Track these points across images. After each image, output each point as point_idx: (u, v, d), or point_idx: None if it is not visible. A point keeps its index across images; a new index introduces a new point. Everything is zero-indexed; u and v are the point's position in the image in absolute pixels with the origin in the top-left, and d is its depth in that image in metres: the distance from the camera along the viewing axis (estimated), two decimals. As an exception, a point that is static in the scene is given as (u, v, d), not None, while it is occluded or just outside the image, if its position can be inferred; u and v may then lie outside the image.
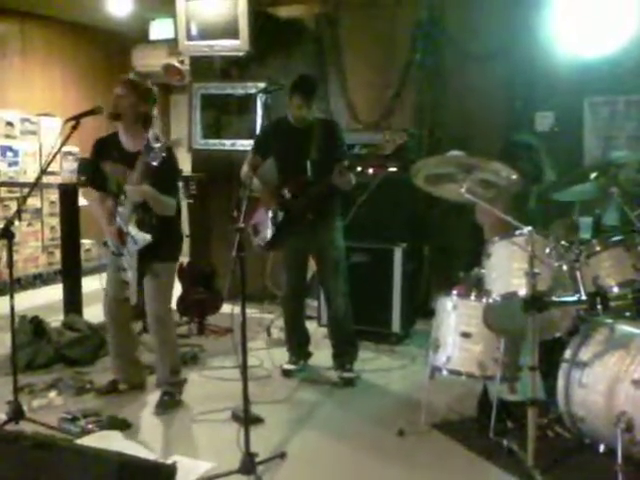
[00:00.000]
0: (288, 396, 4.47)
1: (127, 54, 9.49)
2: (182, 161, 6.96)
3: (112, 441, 3.55)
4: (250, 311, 4.85)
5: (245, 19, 6.34)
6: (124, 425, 3.86)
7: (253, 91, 6.40)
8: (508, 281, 3.47)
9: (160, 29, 8.60)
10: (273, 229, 4.56)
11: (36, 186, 4.28)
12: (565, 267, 3.44)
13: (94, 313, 5.58)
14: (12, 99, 8.10)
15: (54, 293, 6.70)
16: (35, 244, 8.02)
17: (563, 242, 3.54)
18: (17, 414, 3.76)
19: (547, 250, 3.40)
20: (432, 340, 3.91)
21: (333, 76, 6.62)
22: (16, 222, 3.88)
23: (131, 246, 4.01)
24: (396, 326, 5.56)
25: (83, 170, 5.30)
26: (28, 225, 7.89)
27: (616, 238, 3.52)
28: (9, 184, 7.63)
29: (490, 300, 3.56)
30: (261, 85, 5.97)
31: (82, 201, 5.63)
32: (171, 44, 7.71)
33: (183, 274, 5.84)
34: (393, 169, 5.59)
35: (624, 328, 3.31)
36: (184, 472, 3.15)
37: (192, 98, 7.11)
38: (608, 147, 5.78)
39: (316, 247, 4.66)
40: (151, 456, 3.43)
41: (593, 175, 3.64)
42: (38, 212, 8.05)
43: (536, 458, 3.07)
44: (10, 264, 3.85)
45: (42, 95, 8.55)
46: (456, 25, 6.18)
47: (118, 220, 4.07)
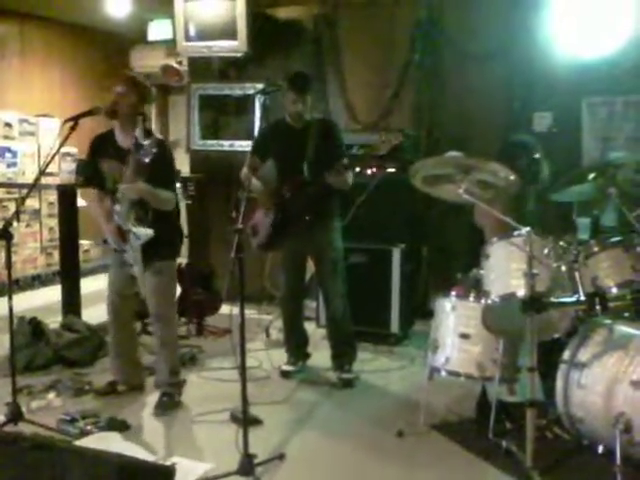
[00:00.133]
0: (287, 397, 4.47)
1: (125, 55, 9.49)
2: (180, 162, 7.01)
3: (111, 442, 3.55)
4: (249, 312, 4.86)
5: (243, 20, 6.34)
6: (123, 426, 3.86)
7: (251, 92, 6.40)
8: (507, 282, 3.47)
9: (158, 30, 8.60)
10: (271, 230, 4.57)
11: (35, 187, 4.28)
12: (564, 268, 3.44)
13: (93, 314, 5.58)
14: (11, 100, 8.10)
15: (53, 294, 6.69)
16: (34, 245, 8.02)
17: (562, 242, 3.55)
18: (16, 415, 3.77)
19: (545, 251, 3.40)
20: (431, 341, 3.91)
21: (332, 76, 6.62)
22: (14, 223, 3.87)
23: (134, 241, 4.00)
24: (395, 327, 5.56)
25: (81, 171, 5.29)
26: (27, 226, 7.89)
27: (614, 239, 3.52)
28: (7, 185, 7.63)
29: (489, 301, 3.56)
30: (259, 86, 5.95)
31: (81, 202, 5.62)
32: (169, 45, 7.70)
33: (182, 275, 5.83)
34: (391, 170, 5.59)
35: (623, 329, 3.31)
36: (183, 473, 3.15)
37: (190, 99, 7.11)
38: (606, 148, 5.78)
39: (314, 248, 4.67)
40: (150, 457, 3.44)
41: (591, 176, 3.64)
42: (37, 213, 8.04)
43: (535, 459, 3.06)
44: (8, 265, 3.86)
45: (41, 96, 8.54)
46: (455, 25, 6.18)
47: (116, 218, 4.06)
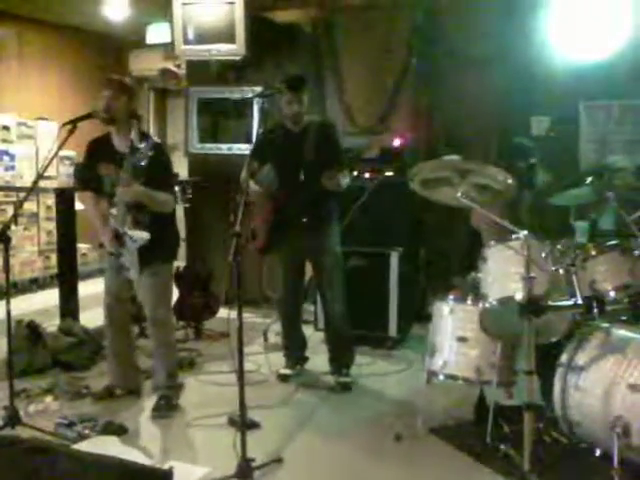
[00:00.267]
0: (285, 401, 4.47)
1: (124, 58, 9.50)
2: (179, 165, 7.01)
3: (109, 446, 3.55)
4: (247, 316, 4.84)
5: (242, 23, 6.34)
6: (120, 430, 3.85)
7: (250, 95, 6.41)
8: (504, 285, 3.47)
9: (157, 33, 8.61)
10: (269, 233, 4.56)
11: (33, 190, 4.29)
12: (561, 271, 3.45)
13: (90, 318, 5.57)
14: (9, 103, 8.09)
15: (50, 298, 6.69)
16: (31, 248, 8.01)
17: (559, 246, 3.55)
18: (13, 419, 3.77)
19: (543, 254, 3.41)
20: (429, 345, 3.92)
21: (330, 80, 6.63)
22: (12, 226, 3.87)
23: (130, 245, 3.99)
24: (393, 330, 5.55)
25: (78, 175, 5.28)
26: (24, 229, 7.88)
27: (612, 242, 3.53)
28: (5, 188, 7.62)
29: (486, 304, 3.56)
30: (258, 89, 5.97)
31: (78, 205, 5.62)
32: (168, 48, 7.70)
33: (180, 278, 5.83)
34: (389, 173, 5.60)
35: (620, 332, 3.31)
36: (181, 477, 3.13)
37: (189, 102, 7.11)
38: (604, 151, 5.80)
39: (313, 252, 4.66)
40: (148, 461, 3.43)
41: (589, 179, 3.65)
42: (34, 216, 8.03)
43: (532, 462, 3.05)
44: (6, 268, 3.85)
45: (39, 99, 8.54)
46: (452, 30, 6.19)
47: (112, 222, 4.05)
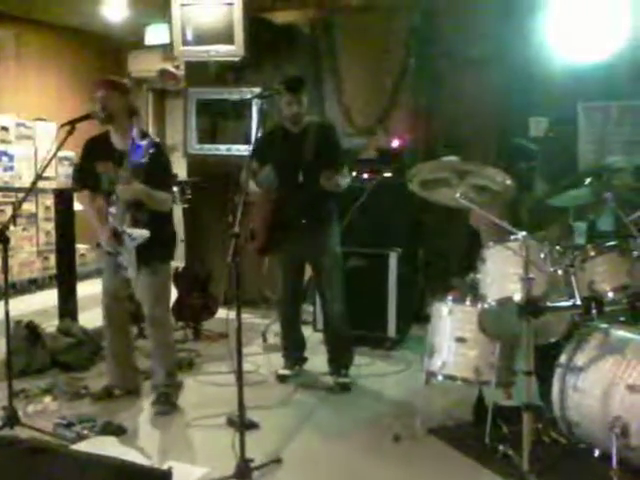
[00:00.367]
0: (283, 401, 4.47)
1: (122, 59, 9.50)
2: (178, 166, 7.00)
3: (107, 446, 3.55)
4: (246, 316, 4.84)
5: (240, 24, 6.34)
6: (119, 430, 3.85)
7: (248, 96, 6.39)
8: (503, 286, 3.48)
9: (155, 34, 8.61)
10: (268, 234, 4.56)
11: (31, 191, 4.28)
12: (560, 272, 3.44)
13: (89, 318, 5.57)
14: (7, 104, 8.09)
15: (49, 298, 6.69)
16: (30, 249, 8.01)
17: (558, 247, 3.55)
18: (12, 419, 3.77)
19: (542, 255, 3.41)
20: (427, 345, 3.92)
21: (328, 81, 6.62)
22: (11, 227, 3.87)
23: (129, 243, 3.99)
24: (391, 331, 5.56)
25: (75, 174, 5.27)
26: (23, 230, 7.88)
27: (611, 243, 3.53)
28: (4, 189, 7.62)
29: (485, 305, 3.56)
30: (256, 90, 5.97)
31: (77, 206, 5.62)
32: (166, 49, 7.70)
33: (178, 279, 5.83)
34: (388, 174, 5.61)
35: (619, 333, 3.32)
36: (179, 477, 3.13)
37: (187, 103, 7.10)
38: (602, 152, 5.80)
39: (312, 253, 4.66)
40: (146, 461, 3.43)
41: (587, 180, 3.65)
42: (33, 217, 8.03)
43: (531, 463, 3.06)
44: (5, 269, 3.84)
45: (37, 100, 8.54)
46: (451, 31, 6.19)
47: (111, 220, 4.06)
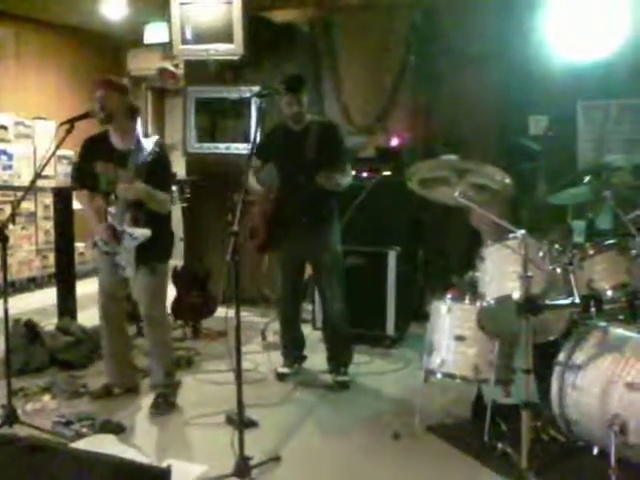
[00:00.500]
0: (282, 399, 4.47)
1: (122, 58, 9.50)
2: (177, 165, 7.00)
3: (106, 445, 3.55)
4: (245, 315, 4.85)
5: (240, 23, 6.34)
6: (118, 429, 3.86)
7: (248, 95, 6.40)
8: (502, 284, 3.48)
9: (155, 33, 8.60)
10: (268, 232, 4.56)
11: (30, 190, 4.28)
12: (559, 270, 3.45)
13: (88, 317, 5.57)
14: (6, 102, 8.09)
15: (48, 297, 6.69)
16: (29, 248, 8.01)
17: (557, 246, 3.55)
18: (11, 418, 3.77)
19: (541, 253, 3.41)
20: (426, 343, 3.92)
21: (327, 79, 6.62)
22: (10, 226, 3.87)
23: (129, 243, 4.00)
24: (390, 329, 5.56)
25: (74, 174, 5.28)
26: (22, 229, 7.88)
27: (609, 241, 3.53)
28: (3, 188, 7.62)
29: (484, 303, 3.56)
30: (256, 89, 5.97)
31: (76, 205, 5.62)
32: (166, 48, 7.71)
33: (177, 278, 5.83)
34: (387, 173, 5.60)
35: (618, 331, 3.31)
36: (178, 475, 3.13)
37: (187, 102, 7.10)
38: (602, 151, 5.80)
39: (313, 252, 4.65)
40: (145, 459, 3.42)
41: (586, 179, 3.66)
42: (32, 216, 8.04)
43: (530, 460, 3.06)
44: (4, 267, 3.84)
45: (37, 99, 8.54)
46: (450, 29, 6.19)
47: (110, 219, 4.06)
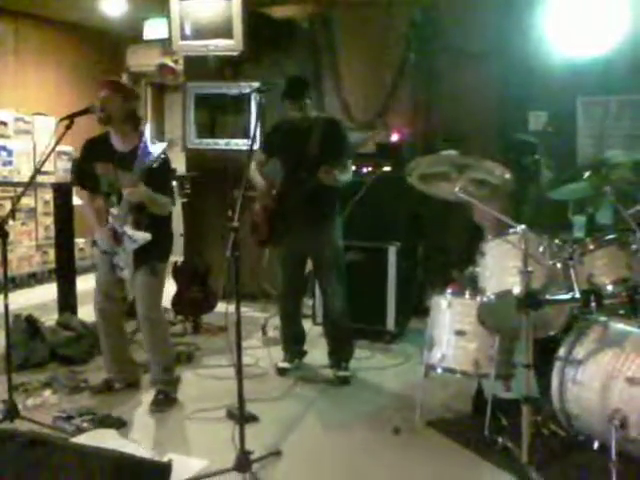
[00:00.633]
0: (283, 394, 4.48)
1: (121, 54, 9.48)
2: (176, 160, 6.99)
3: (107, 439, 3.55)
4: (245, 310, 4.85)
5: (239, 19, 6.33)
6: (119, 423, 3.86)
7: (247, 91, 6.39)
8: (502, 279, 3.48)
9: (154, 29, 8.57)
10: (269, 226, 4.56)
11: (30, 185, 4.29)
12: (559, 265, 3.45)
13: (88, 312, 5.54)
14: (6, 98, 8.07)
15: (48, 292, 6.69)
16: (29, 243, 8.00)
17: (557, 240, 3.55)
18: (12, 413, 3.77)
19: (541, 248, 3.41)
20: (427, 338, 3.93)
21: (327, 75, 6.62)
22: (10, 221, 3.87)
23: (129, 245, 4.02)
24: (391, 324, 5.56)
25: (75, 172, 5.29)
26: (22, 224, 7.87)
27: (610, 236, 3.54)
28: (3, 183, 7.61)
29: (484, 298, 3.57)
30: (255, 85, 5.96)
31: (76, 200, 5.62)
32: (165, 44, 7.70)
33: (178, 273, 5.83)
34: (387, 168, 5.60)
35: (618, 326, 3.32)
36: (179, 470, 3.15)
37: (186, 98, 7.10)
38: (601, 146, 5.80)
39: (314, 247, 4.65)
40: (146, 454, 3.42)
41: (586, 174, 3.66)
42: (32, 211, 8.02)
43: (530, 455, 3.08)
44: (4, 263, 3.85)
45: (36, 94, 8.52)
46: (450, 25, 6.19)
47: (111, 221, 4.07)
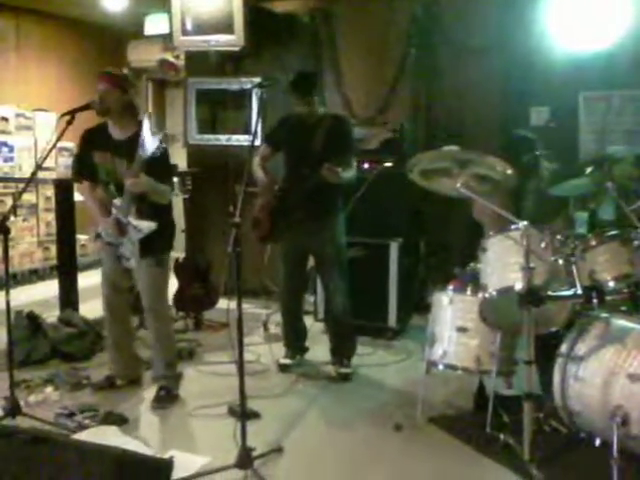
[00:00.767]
0: (285, 391, 4.48)
1: (122, 49, 9.47)
2: (178, 156, 6.99)
3: (109, 436, 3.56)
4: (247, 306, 4.86)
5: (240, 14, 6.32)
6: (120, 420, 3.86)
7: (248, 86, 6.39)
8: (504, 275, 3.47)
9: (155, 24, 8.57)
10: (271, 222, 4.56)
11: (31, 181, 4.29)
12: (561, 261, 3.44)
13: (90, 308, 5.58)
14: (7, 94, 8.07)
15: (50, 288, 6.69)
16: (31, 239, 8.01)
17: (559, 236, 3.54)
18: (14, 409, 3.77)
19: (543, 244, 3.40)
20: (428, 335, 3.92)
21: (328, 71, 6.60)
22: (12, 217, 3.88)
23: (134, 235, 4.02)
24: (392, 321, 5.56)
25: (74, 166, 5.28)
26: (24, 220, 7.87)
27: (612, 232, 3.53)
28: (4, 180, 7.61)
29: (486, 294, 3.56)
30: (256, 80, 5.94)
31: (77, 196, 5.62)
32: (166, 39, 7.69)
33: (179, 269, 5.83)
34: (389, 164, 5.59)
35: (620, 322, 3.31)
36: (181, 467, 3.15)
37: (187, 93, 7.09)
38: (603, 142, 5.78)
39: (316, 244, 4.64)
40: (148, 451, 3.44)
41: (588, 170, 3.65)
42: (34, 207, 8.03)
43: (532, 452, 3.08)
44: (6, 259, 3.85)
45: (37, 90, 8.51)
46: (451, 20, 6.17)
47: (114, 212, 4.08)
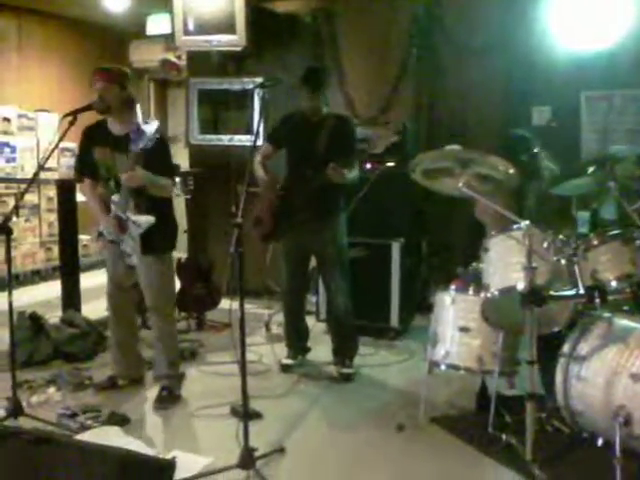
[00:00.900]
0: (287, 391, 4.48)
1: (124, 49, 9.47)
2: (180, 156, 7.00)
3: (111, 436, 3.56)
4: (249, 306, 4.85)
5: (242, 14, 6.33)
6: (123, 420, 3.87)
7: (250, 86, 6.40)
8: (506, 275, 3.47)
9: (157, 24, 8.57)
10: (274, 221, 4.55)
11: (34, 182, 4.29)
12: (563, 261, 3.43)
13: (92, 309, 5.59)
14: (9, 95, 8.07)
15: (52, 289, 6.70)
16: (33, 240, 8.01)
17: (561, 236, 3.54)
18: (16, 410, 3.78)
19: (545, 244, 3.40)
20: (430, 335, 3.92)
21: (330, 71, 6.59)
22: (14, 218, 3.88)
23: (134, 230, 4.01)
24: (394, 321, 5.56)
25: (75, 164, 5.27)
26: (26, 221, 7.88)
27: (614, 232, 3.52)
28: (6, 180, 7.62)
29: (488, 294, 3.56)
30: (258, 80, 5.95)
31: (80, 197, 5.62)
32: (168, 39, 7.70)
33: (181, 270, 5.83)
34: (391, 164, 5.60)
35: (622, 322, 3.30)
36: (183, 467, 3.15)
37: (189, 93, 7.10)
38: (605, 141, 5.78)
39: (318, 244, 4.64)
40: (150, 451, 3.44)
41: (590, 169, 3.64)
42: (36, 208, 8.03)
43: (534, 452, 3.07)
44: (8, 260, 3.85)
45: (39, 91, 8.52)
46: (453, 19, 6.17)
47: (114, 208, 4.07)
